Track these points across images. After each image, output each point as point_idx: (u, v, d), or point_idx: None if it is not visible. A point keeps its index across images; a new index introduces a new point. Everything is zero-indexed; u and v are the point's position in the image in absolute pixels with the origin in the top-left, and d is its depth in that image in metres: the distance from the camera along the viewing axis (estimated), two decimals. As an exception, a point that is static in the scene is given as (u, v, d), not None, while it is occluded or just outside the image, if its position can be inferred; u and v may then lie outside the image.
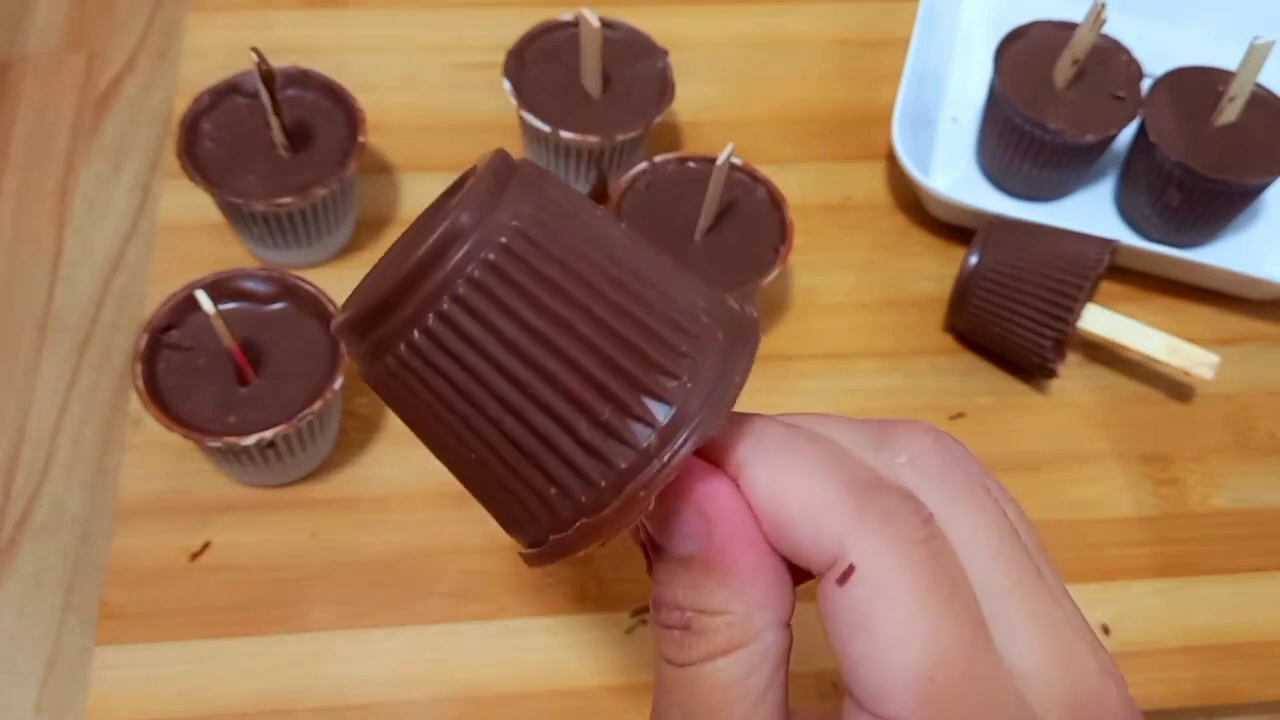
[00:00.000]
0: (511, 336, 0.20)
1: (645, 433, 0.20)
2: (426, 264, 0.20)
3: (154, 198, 0.53)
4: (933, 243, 0.54)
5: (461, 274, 0.20)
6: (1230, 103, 0.50)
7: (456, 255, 0.20)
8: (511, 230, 0.20)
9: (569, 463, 0.20)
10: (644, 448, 0.20)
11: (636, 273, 0.21)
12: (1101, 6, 0.49)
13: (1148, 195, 0.52)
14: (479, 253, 0.20)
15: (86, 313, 0.50)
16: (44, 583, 0.44)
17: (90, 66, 0.58)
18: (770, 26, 0.61)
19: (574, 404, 0.20)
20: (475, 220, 0.20)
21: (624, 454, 0.20)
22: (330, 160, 0.48)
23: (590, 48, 0.49)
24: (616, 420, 0.20)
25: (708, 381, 0.20)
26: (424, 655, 0.42)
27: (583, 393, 0.20)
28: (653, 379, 0.20)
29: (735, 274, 0.46)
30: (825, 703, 0.42)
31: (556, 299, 0.20)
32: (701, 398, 0.20)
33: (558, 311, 0.20)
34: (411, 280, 0.20)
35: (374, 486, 0.45)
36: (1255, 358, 0.52)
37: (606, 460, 0.20)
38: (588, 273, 0.20)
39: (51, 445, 0.47)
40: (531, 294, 0.20)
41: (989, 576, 0.21)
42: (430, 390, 0.21)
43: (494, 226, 0.20)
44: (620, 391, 0.20)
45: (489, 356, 0.20)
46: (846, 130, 0.58)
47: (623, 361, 0.20)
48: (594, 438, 0.20)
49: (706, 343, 0.21)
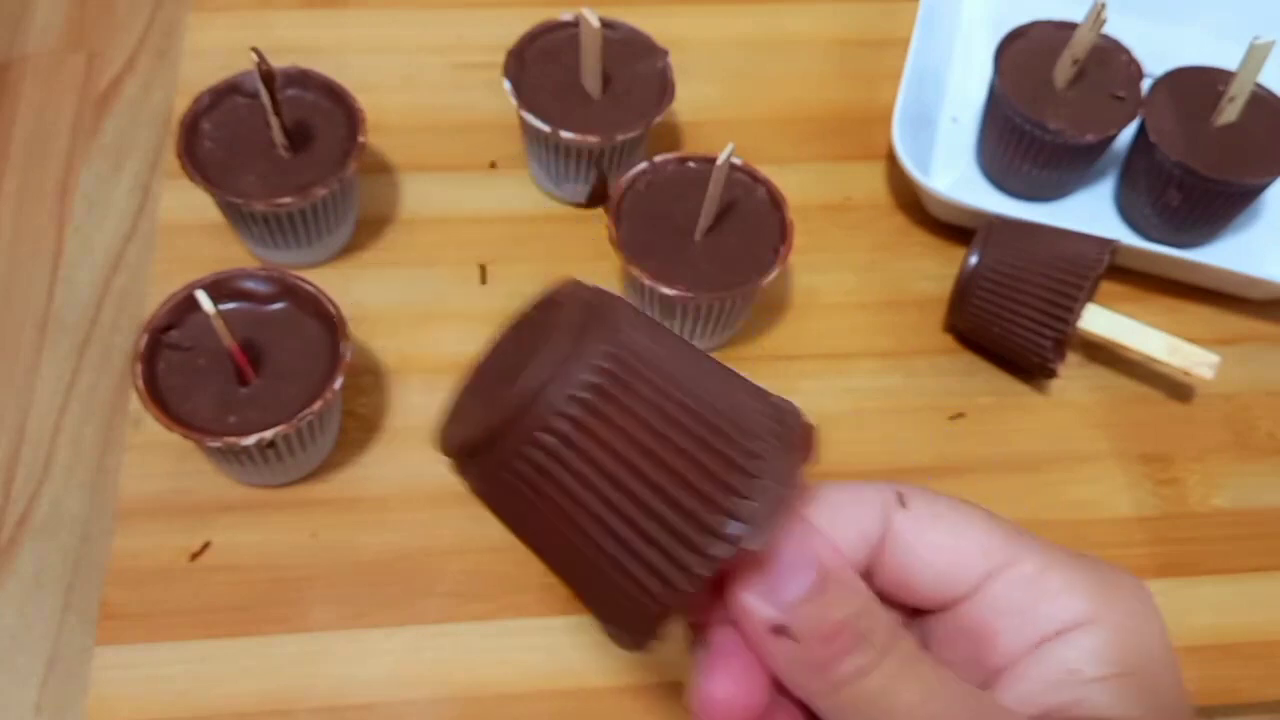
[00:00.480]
0: (602, 464, 0.23)
1: (723, 544, 0.23)
2: (524, 403, 0.23)
3: (154, 198, 0.53)
4: (933, 243, 0.54)
5: (554, 412, 0.23)
6: (1230, 103, 0.50)
7: (550, 396, 0.23)
8: (597, 371, 0.23)
9: (648, 564, 0.24)
10: (723, 552, 0.23)
11: (705, 399, 0.24)
12: (1101, 6, 0.49)
13: (1148, 195, 0.52)
14: (570, 392, 0.23)
15: (86, 313, 0.50)
16: (44, 583, 0.44)
17: (90, 66, 0.58)
18: (770, 26, 0.61)
19: (654, 520, 0.23)
20: (564, 361, 0.23)
21: (710, 551, 0.23)
22: (330, 160, 0.48)
23: (590, 48, 0.49)
24: (689, 536, 0.23)
25: (770, 498, 0.23)
26: (424, 655, 0.42)
27: (661, 511, 0.23)
28: (724, 500, 0.23)
29: (735, 274, 0.46)
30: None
31: (640, 429, 0.23)
32: (765, 511, 0.23)
33: (642, 441, 0.23)
34: (509, 420, 0.23)
35: (374, 486, 0.45)
36: (1255, 358, 0.52)
37: (700, 554, 0.23)
38: (664, 405, 0.23)
39: (51, 445, 0.47)
40: (618, 426, 0.23)
41: None
42: (532, 504, 0.24)
43: (582, 367, 0.23)
44: (693, 512, 0.23)
45: (583, 480, 0.23)
46: (846, 130, 0.58)
47: (697, 484, 0.23)
48: (668, 549, 0.23)
49: (769, 461, 0.24)
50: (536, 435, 0.23)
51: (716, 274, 0.46)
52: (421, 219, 0.53)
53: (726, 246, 0.47)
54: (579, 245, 0.52)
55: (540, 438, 0.23)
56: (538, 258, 0.52)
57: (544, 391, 0.23)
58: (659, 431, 0.23)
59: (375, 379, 0.48)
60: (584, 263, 0.52)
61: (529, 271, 0.51)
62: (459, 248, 0.52)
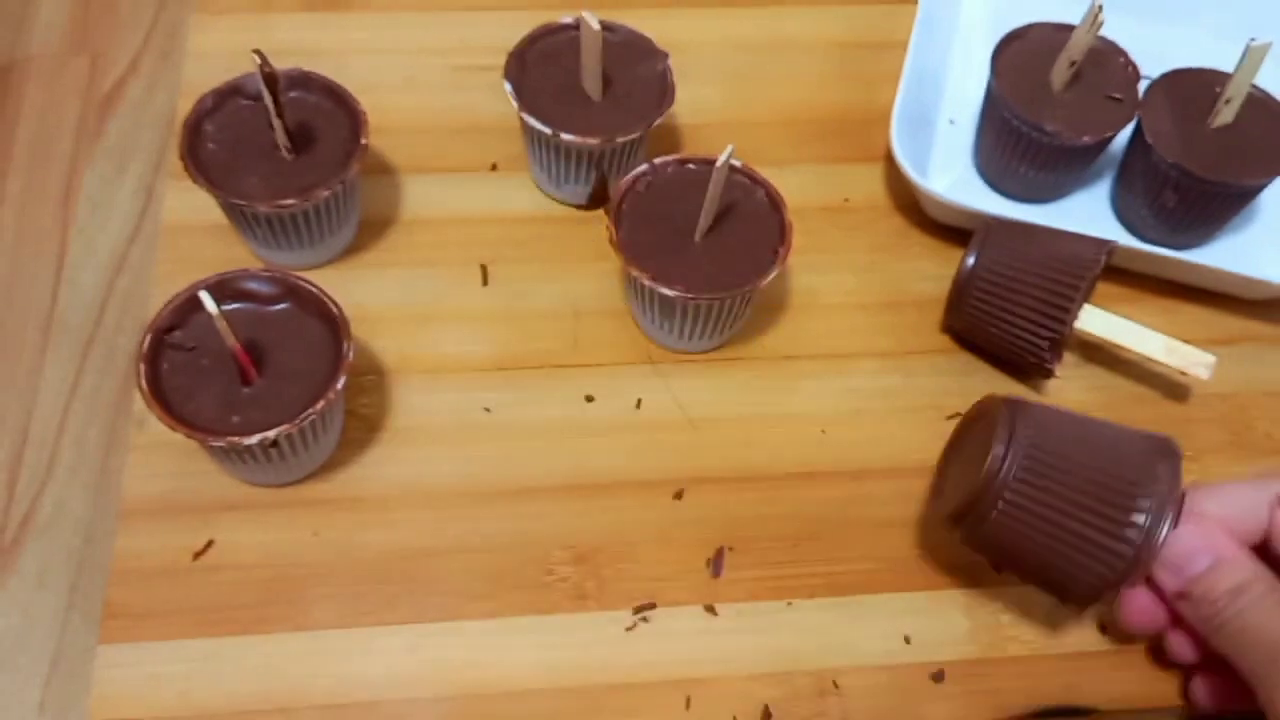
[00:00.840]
0: (1040, 511, 0.38)
1: (1128, 546, 0.38)
2: (990, 478, 0.38)
3: (157, 199, 0.53)
4: (931, 244, 0.54)
5: (1006, 486, 0.38)
6: (1227, 104, 0.50)
7: (1003, 476, 0.38)
8: (1025, 455, 0.38)
9: (1087, 564, 0.38)
10: (1131, 554, 0.38)
11: (1102, 450, 0.39)
12: (1099, 8, 0.49)
13: (1144, 196, 0.53)
14: (1013, 473, 0.38)
15: (90, 314, 0.50)
16: (47, 582, 0.44)
17: (94, 68, 0.58)
18: (769, 29, 0.62)
19: (1086, 531, 0.38)
20: (1005, 451, 0.39)
21: (1123, 552, 0.38)
22: (333, 162, 0.48)
23: (591, 50, 0.49)
24: (1110, 542, 0.38)
25: (1156, 510, 0.37)
26: (426, 653, 0.42)
27: (1090, 527, 0.38)
28: (1126, 516, 0.38)
29: (734, 275, 0.46)
30: (825, 699, 0.42)
31: (1062, 477, 0.38)
32: (1155, 518, 0.38)
33: (1061, 492, 0.38)
34: (981, 492, 0.39)
35: (376, 486, 0.45)
36: (1252, 358, 0.52)
37: (1117, 556, 0.38)
38: (1074, 461, 0.38)
39: (55, 445, 0.47)
40: (1043, 486, 0.38)
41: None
42: (1001, 541, 0.40)
43: (1017, 454, 0.38)
44: (1110, 524, 0.38)
45: (1030, 522, 0.38)
46: (845, 132, 0.58)
47: (1107, 509, 0.38)
48: (1102, 547, 0.38)
49: (1154, 486, 0.38)
50: (1000, 500, 0.38)
51: (716, 275, 0.46)
52: (423, 220, 0.53)
53: (726, 247, 0.47)
54: (579, 246, 0.53)
55: (1001, 502, 0.38)
56: (538, 259, 0.52)
57: (999, 473, 0.38)
58: (1071, 483, 0.38)
59: (377, 379, 0.48)
60: (584, 263, 0.52)
61: (530, 272, 0.52)
62: (460, 249, 0.52)
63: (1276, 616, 0.36)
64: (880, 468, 0.47)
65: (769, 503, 0.46)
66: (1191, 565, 0.38)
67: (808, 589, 0.44)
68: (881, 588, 0.45)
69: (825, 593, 0.44)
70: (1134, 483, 0.37)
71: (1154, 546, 0.37)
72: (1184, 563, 0.39)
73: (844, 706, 0.42)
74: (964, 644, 0.44)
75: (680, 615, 0.43)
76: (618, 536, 0.45)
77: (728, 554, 0.45)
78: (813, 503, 0.46)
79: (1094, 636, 0.44)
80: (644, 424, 0.48)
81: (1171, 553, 0.38)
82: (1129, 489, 0.37)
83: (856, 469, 0.47)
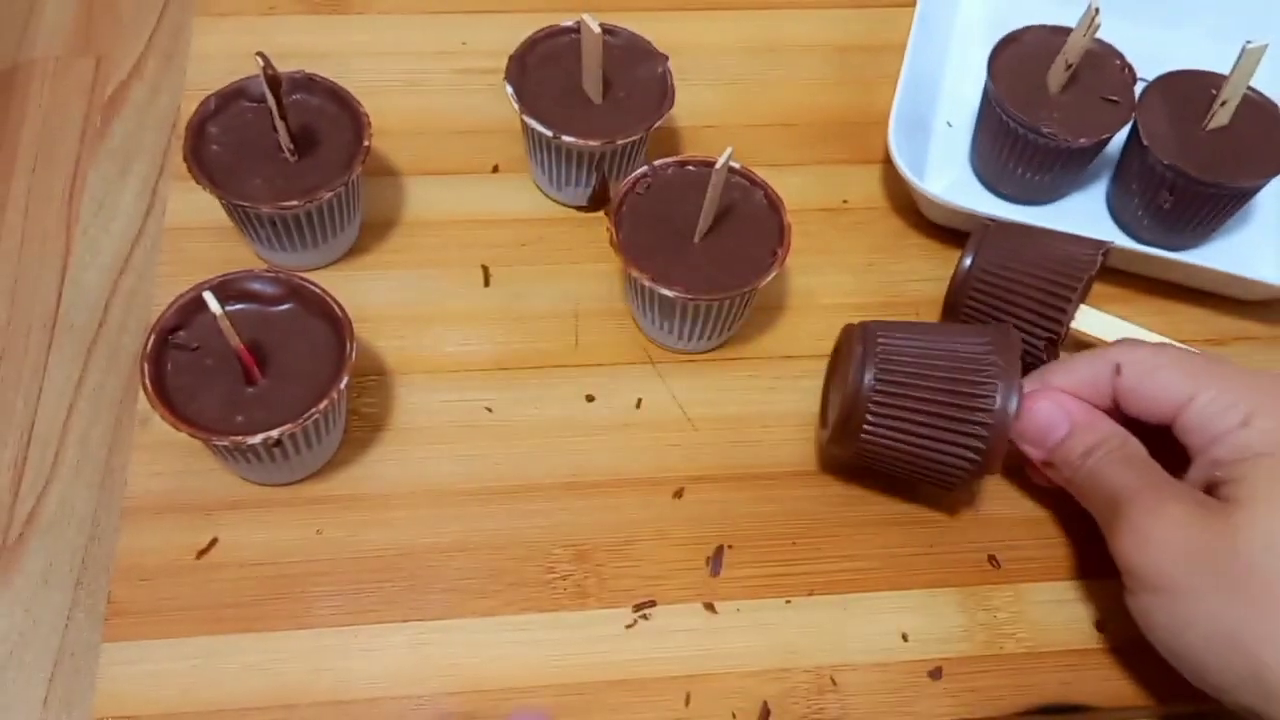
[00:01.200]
0: (901, 413, 0.42)
1: (984, 428, 0.41)
2: (853, 394, 0.42)
3: (161, 200, 0.54)
4: (929, 245, 0.55)
5: (872, 391, 0.42)
6: (1222, 106, 0.51)
7: (863, 391, 0.42)
8: (881, 363, 0.42)
9: (953, 451, 0.42)
10: (988, 435, 0.42)
11: (947, 349, 0.43)
12: (1095, 11, 0.49)
13: (1140, 198, 0.53)
14: (870, 385, 0.42)
15: (94, 314, 0.51)
16: (52, 580, 0.44)
17: (98, 71, 0.59)
18: (769, 32, 0.62)
19: (944, 425, 0.42)
20: (861, 367, 0.42)
21: (982, 434, 0.41)
22: (336, 164, 0.48)
23: (591, 53, 0.49)
24: (965, 434, 0.42)
25: (1003, 391, 0.41)
26: (428, 650, 0.42)
27: (946, 418, 0.42)
28: (977, 403, 0.41)
29: (734, 275, 0.46)
30: (823, 696, 0.42)
31: (916, 382, 0.42)
32: (1003, 398, 0.41)
33: (919, 389, 0.42)
34: (849, 407, 0.42)
35: (378, 484, 0.46)
36: (1247, 358, 0.52)
37: (978, 439, 0.42)
38: (923, 366, 0.42)
39: (60, 444, 0.47)
40: (904, 386, 0.42)
41: None
42: (878, 444, 0.43)
43: (873, 367, 0.42)
44: (964, 414, 0.41)
45: (897, 424, 0.42)
46: (844, 134, 0.58)
47: (961, 400, 0.42)
48: (962, 436, 0.42)
49: (998, 371, 0.42)
50: (866, 414, 0.42)
51: (715, 275, 0.46)
52: (425, 222, 0.53)
53: (725, 248, 0.47)
54: (580, 248, 0.53)
55: (868, 415, 0.42)
56: (540, 260, 0.53)
57: (860, 390, 0.42)
58: (925, 385, 0.42)
59: (380, 379, 0.48)
60: (585, 265, 0.53)
61: (531, 273, 0.52)
62: (462, 250, 0.53)
63: (1117, 470, 0.41)
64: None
65: (768, 501, 0.47)
66: (1050, 435, 0.43)
67: (806, 587, 0.45)
68: (879, 586, 0.45)
69: (824, 590, 0.45)
70: (978, 372, 0.41)
71: (1007, 424, 0.41)
72: (1044, 434, 0.43)
73: (842, 703, 0.42)
74: (962, 642, 0.44)
75: (680, 613, 0.44)
76: (618, 535, 0.45)
77: (727, 552, 0.45)
78: (811, 501, 0.47)
79: (1091, 635, 0.45)
80: (644, 424, 0.48)
81: (1031, 426, 0.43)
82: (975, 379, 0.41)
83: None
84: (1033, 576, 0.46)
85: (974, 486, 0.47)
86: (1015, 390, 0.41)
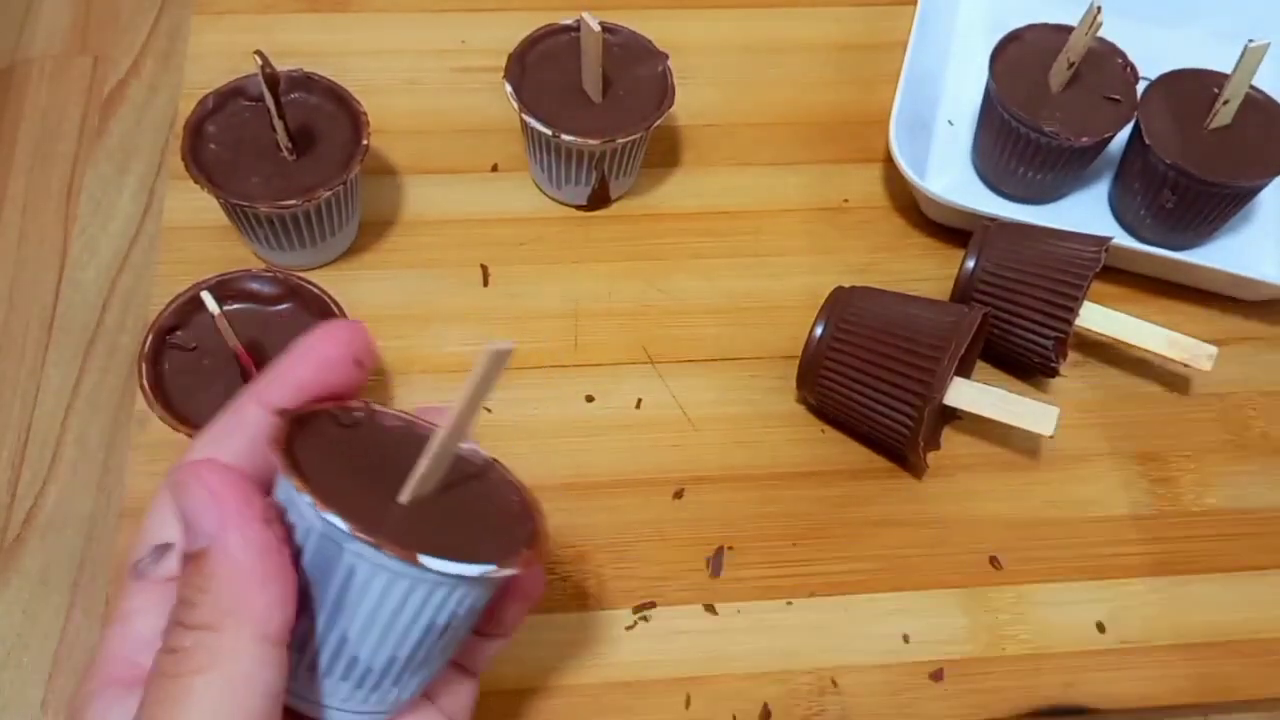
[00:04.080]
0: (853, 366, 0.45)
1: (917, 399, 0.44)
2: (810, 348, 0.46)
3: (159, 200, 0.54)
4: (930, 244, 0.55)
5: (831, 340, 0.45)
6: (1225, 105, 0.50)
7: (820, 347, 0.46)
8: (840, 323, 0.46)
9: (893, 415, 0.45)
10: (920, 405, 0.44)
11: (908, 315, 0.45)
12: (1097, 10, 0.49)
13: (1142, 197, 0.53)
14: (826, 343, 0.45)
15: (92, 313, 0.50)
16: (50, 580, 0.44)
17: (95, 69, 0.58)
18: (769, 31, 0.62)
19: (889, 381, 0.44)
20: (823, 325, 0.46)
21: (915, 404, 0.44)
22: (334, 163, 0.48)
23: (591, 51, 0.49)
24: (901, 400, 0.44)
25: (947, 365, 0.44)
26: (427, 652, 0.42)
27: (888, 382, 0.44)
28: (918, 372, 0.44)
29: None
30: (824, 698, 0.42)
31: (865, 344, 0.45)
32: (944, 373, 0.44)
33: (866, 350, 0.45)
34: (810, 358, 0.46)
35: (377, 485, 0.46)
36: (1249, 358, 0.52)
37: (916, 397, 0.44)
38: (880, 330, 0.45)
39: (58, 444, 0.47)
40: (855, 347, 0.45)
41: None
42: (835, 394, 0.46)
43: (832, 326, 0.46)
44: (903, 380, 0.44)
45: (850, 369, 0.45)
46: (844, 133, 0.58)
47: (906, 359, 0.44)
48: (899, 402, 0.44)
49: (946, 338, 0.44)
50: (821, 365, 0.46)
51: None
52: (424, 221, 0.53)
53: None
54: (580, 247, 0.53)
55: (822, 367, 0.46)
56: (539, 259, 0.52)
57: (816, 343, 0.46)
58: (874, 344, 0.44)
59: (379, 379, 0.48)
60: (585, 264, 0.52)
61: (530, 273, 0.52)
62: (461, 249, 0.52)
63: None
64: (879, 467, 0.48)
65: (768, 502, 0.46)
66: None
67: (807, 588, 0.45)
68: (880, 587, 0.45)
69: (824, 592, 0.44)
70: (933, 347, 0.44)
71: (944, 386, 0.44)
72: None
73: (843, 705, 0.42)
74: (963, 643, 0.44)
75: (680, 614, 0.44)
76: (618, 536, 0.45)
77: (727, 553, 0.45)
78: (812, 502, 0.47)
79: (1093, 636, 0.44)
80: (644, 424, 0.48)
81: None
82: (924, 350, 0.44)
83: (856, 469, 0.47)
84: (1034, 577, 0.46)
85: (974, 485, 0.47)
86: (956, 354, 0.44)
